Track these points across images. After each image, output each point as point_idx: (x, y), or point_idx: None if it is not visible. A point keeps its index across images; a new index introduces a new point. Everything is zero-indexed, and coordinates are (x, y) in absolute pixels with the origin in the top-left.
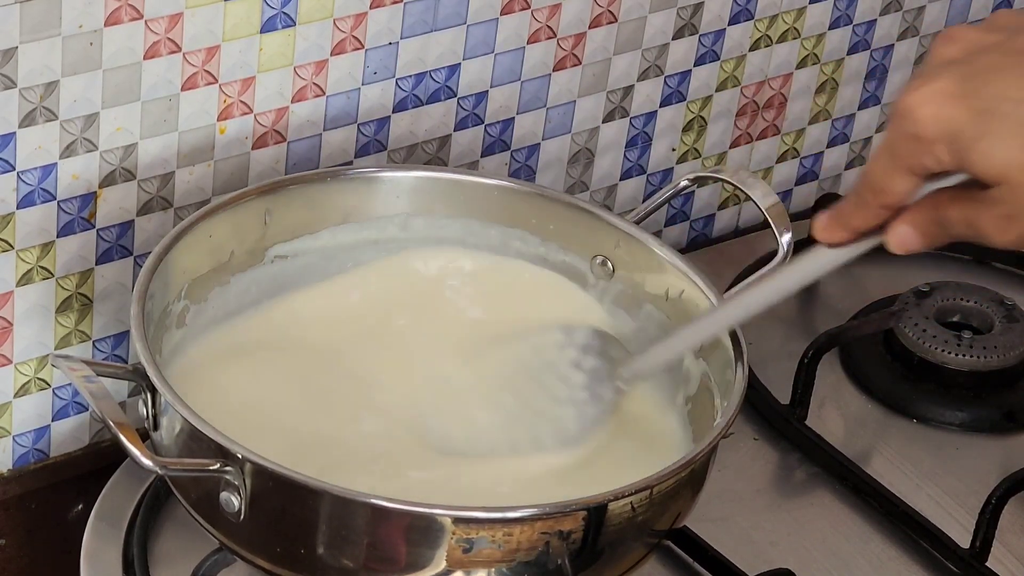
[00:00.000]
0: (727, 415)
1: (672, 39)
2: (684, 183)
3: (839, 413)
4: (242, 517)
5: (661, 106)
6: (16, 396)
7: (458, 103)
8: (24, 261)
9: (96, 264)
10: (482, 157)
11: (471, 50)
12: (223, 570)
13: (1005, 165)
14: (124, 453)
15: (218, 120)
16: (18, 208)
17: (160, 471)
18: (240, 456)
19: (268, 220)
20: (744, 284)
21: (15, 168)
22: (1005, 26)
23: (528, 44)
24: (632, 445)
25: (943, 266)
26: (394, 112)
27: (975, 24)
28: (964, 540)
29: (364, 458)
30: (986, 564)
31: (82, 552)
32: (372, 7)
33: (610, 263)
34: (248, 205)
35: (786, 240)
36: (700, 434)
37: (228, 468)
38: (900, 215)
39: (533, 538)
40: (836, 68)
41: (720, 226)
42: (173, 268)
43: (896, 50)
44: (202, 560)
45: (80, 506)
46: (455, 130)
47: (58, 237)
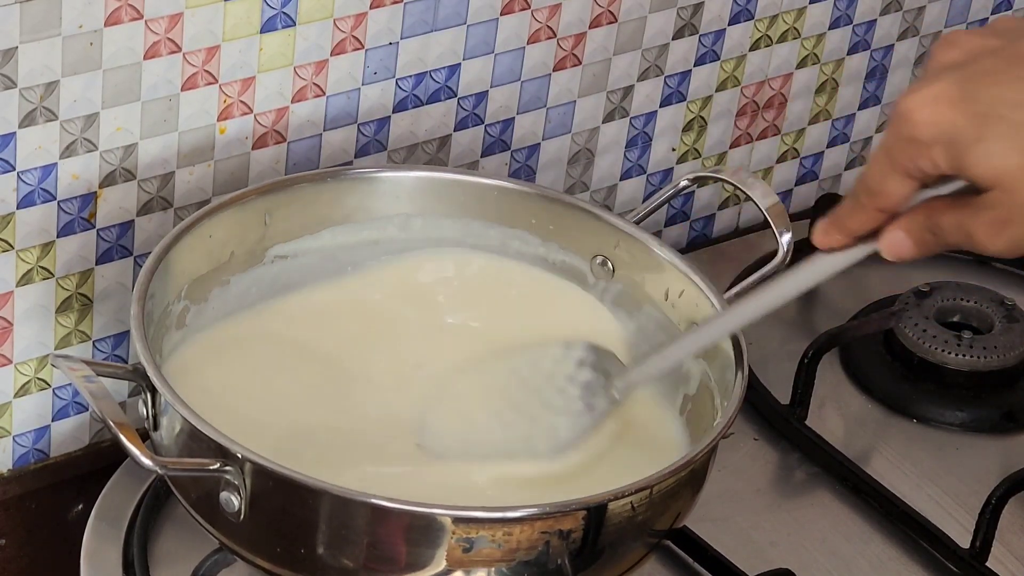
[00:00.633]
0: (727, 415)
1: (672, 39)
2: (684, 183)
3: (839, 413)
4: (242, 517)
5: (661, 106)
6: (16, 396)
7: (458, 103)
8: (24, 261)
9: (96, 264)
10: (482, 157)
11: (471, 50)
12: (223, 570)
13: (1000, 168)
14: (124, 453)
15: (218, 120)
16: (18, 208)
17: (160, 471)
18: (240, 456)
19: (268, 220)
20: (742, 287)
21: (15, 168)
22: (1005, 31)
23: (528, 44)
24: (632, 445)
25: (943, 266)
26: (394, 112)
27: (975, 29)
28: (964, 540)
29: (360, 457)
30: (986, 564)
31: (82, 552)
32: (372, 7)
33: (610, 263)
34: (248, 205)
35: (786, 240)
36: (700, 434)
37: (228, 468)
38: (894, 221)
39: (533, 538)
40: (836, 68)
41: (720, 226)
42: (173, 268)
43: (896, 50)
44: (202, 560)
45: (80, 506)
46: (455, 130)
47: (58, 237)
